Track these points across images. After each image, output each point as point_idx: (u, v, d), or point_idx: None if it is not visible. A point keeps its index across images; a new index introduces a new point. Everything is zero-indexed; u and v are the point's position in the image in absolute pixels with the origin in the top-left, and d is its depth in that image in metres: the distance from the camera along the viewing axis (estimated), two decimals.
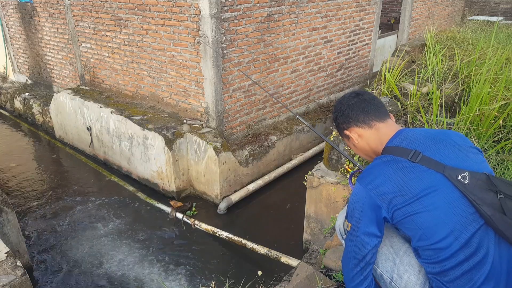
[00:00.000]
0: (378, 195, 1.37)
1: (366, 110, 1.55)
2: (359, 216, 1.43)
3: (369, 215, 1.40)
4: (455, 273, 1.31)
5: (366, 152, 1.60)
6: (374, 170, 1.43)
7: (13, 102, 7.41)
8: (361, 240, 1.44)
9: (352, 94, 1.61)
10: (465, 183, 1.30)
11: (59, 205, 4.67)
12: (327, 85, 6.07)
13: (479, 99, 2.91)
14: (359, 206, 1.43)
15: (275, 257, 3.56)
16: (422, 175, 1.33)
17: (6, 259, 2.63)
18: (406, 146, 1.42)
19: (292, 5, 4.90)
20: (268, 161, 4.95)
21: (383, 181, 1.37)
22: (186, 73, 4.59)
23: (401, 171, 1.36)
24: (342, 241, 1.70)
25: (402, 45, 7.20)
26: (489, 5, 9.78)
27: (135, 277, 3.57)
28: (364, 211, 1.41)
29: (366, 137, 1.55)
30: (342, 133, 1.64)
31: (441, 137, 1.44)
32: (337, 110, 1.62)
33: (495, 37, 5.05)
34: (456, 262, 1.30)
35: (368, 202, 1.40)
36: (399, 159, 1.39)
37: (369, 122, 1.54)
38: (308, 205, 3.48)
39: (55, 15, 6.12)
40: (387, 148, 1.47)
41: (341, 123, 1.61)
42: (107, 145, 5.29)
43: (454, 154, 1.38)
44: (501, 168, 2.59)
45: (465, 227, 1.29)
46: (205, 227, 4.09)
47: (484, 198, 1.28)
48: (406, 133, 1.48)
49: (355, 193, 1.46)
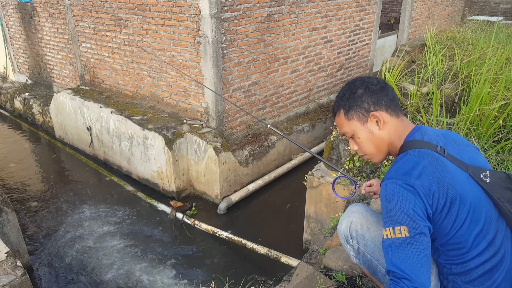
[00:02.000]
0: (421, 187, 1.22)
1: (395, 98, 1.42)
2: (411, 212, 1.20)
3: (419, 207, 1.21)
4: (478, 272, 1.30)
5: (380, 144, 1.44)
6: (408, 163, 1.27)
7: (13, 102, 7.41)
8: (421, 241, 1.19)
9: (375, 78, 1.45)
10: (487, 181, 1.29)
11: (59, 205, 4.67)
12: (327, 85, 6.07)
13: (479, 99, 2.91)
14: (407, 203, 1.21)
15: (275, 257, 3.56)
16: (454, 171, 1.28)
17: (6, 259, 2.63)
18: (428, 140, 1.34)
19: (292, 5, 4.90)
20: (268, 161, 4.95)
21: (421, 173, 1.24)
22: (186, 73, 4.59)
23: (438, 165, 1.26)
24: (346, 248, 1.66)
25: (402, 45, 7.20)
26: (489, 5, 9.78)
27: (135, 277, 3.57)
28: (413, 204, 1.21)
29: (390, 125, 1.41)
30: (363, 114, 1.42)
31: (452, 136, 1.42)
32: (366, 88, 1.41)
33: (495, 37, 5.05)
34: (481, 261, 1.29)
35: (412, 194, 1.22)
36: (431, 152, 1.29)
37: (397, 112, 1.42)
38: (308, 205, 3.48)
39: (55, 15, 6.12)
40: (410, 142, 1.36)
41: (369, 102, 1.40)
42: (107, 145, 5.29)
43: (468, 153, 1.36)
44: (501, 168, 2.59)
45: (490, 225, 1.28)
46: (205, 227, 4.09)
47: (504, 195, 1.28)
48: (424, 129, 1.40)
49: (394, 192, 1.24)
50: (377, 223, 1.58)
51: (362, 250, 1.59)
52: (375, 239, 1.55)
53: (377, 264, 1.56)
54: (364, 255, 1.59)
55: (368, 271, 1.63)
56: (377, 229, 1.56)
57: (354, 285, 2.10)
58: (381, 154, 1.48)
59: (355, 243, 1.61)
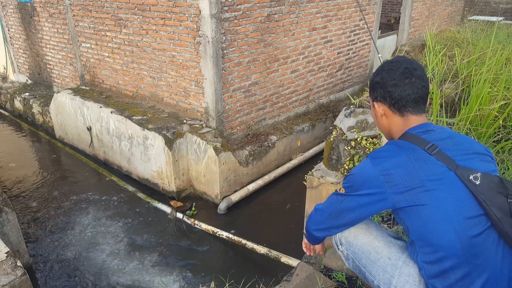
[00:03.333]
0: (386, 176, 1.33)
1: (409, 99, 1.42)
2: (358, 187, 1.40)
3: (368, 191, 1.37)
4: (456, 275, 1.28)
5: (382, 128, 1.55)
6: (388, 152, 1.38)
7: (13, 102, 7.41)
8: (347, 207, 1.45)
9: (407, 70, 1.42)
10: (476, 183, 1.27)
11: (59, 205, 4.67)
12: (327, 85, 6.07)
13: (479, 99, 2.91)
14: (361, 180, 1.38)
15: (275, 257, 3.56)
16: (435, 168, 1.30)
17: (6, 259, 2.63)
18: (426, 138, 1.37)
19: (292, 5, 4.90)
20: (268, 161, 4.95)
21: (395, 165, 1.33)
22: (186, 73, 4.59)
23: (415, 160, 1.32)
24: (338, 251, 1.68)
25: (402, 45, 7.20)
26: (489, 5, 9.78)
27: (135, 277, 3.57)
28: (365, 185, 1.37)
29: (391, 120, 1.48)
30: (372, 99, 1.53)
31: (461, 140, 1.40)
32: (382, 78, 1.46)
33: (495, 37, 5.05)
34: (456, 262, 1.27)
35: (373, 180, 1.35)
36: (416, 147, 1.35)
37: (403, 112, 1.44)
38: (308, 205, 3.47)
39: (55, 15, 6.12)
40: (406, 134, 1.42)
41: (377, 93, 1.48)
42: (107, 145, 5.29)
43: (470, 158, 1.35)
44: (501, 168, 2.59)
45: (470, 228, 1.26)
46: (205, 227, 4.09)
47: (494, 200, 1.26)
48: (429, 126, 1.43)
49: (362, 166, 1.41)
50: (366, 230, 1.59)
51: (351, 256, 1.62)
52: (362, 247, 1.57)
53: (365, 271, 1.57)
54: (354, 261, 1.62)
55: (359, 275, 1.65)
56: (365, 236, 1.58)
57: (354, 285, 2.10)
58: (386, 135, 1.56)
59: (344, 249, 1.64)
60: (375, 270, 1.51)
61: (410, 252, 1.46)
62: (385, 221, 2.47)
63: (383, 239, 1.55)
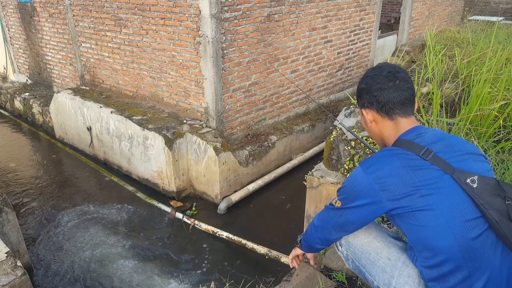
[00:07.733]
0: (380, 184, 1.32)
1: (395, 101, 1.42)
2: (354, 198, 1.39)
3: (364, 201, 1.36)
4: (455, 279, 1.28)
5: (373, 135, 1.54)
6: (381, 160, 1.37)
7: (13, 102, 7.41)
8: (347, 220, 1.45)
9: (390, 74, 1.43)
10: (473, 186, 1.27)
11: (59, 205, 4.67)
12: (327, 85, 6.07)
13: (479, 99, 2.91)
14: (356, 190, 1.38)
15: (275, 257, 3.56)
16: (430, 173, 1.29)
17: (6, 259, 2.63)
18: (419, 142, 1.36)
19: (292, 5, 4.90)
20: (268, 161, 4.95)
21: (389, 173, 1.31)
22: (186, 73, 4.59)
23: (409, 167, 1.31)
24: (338, 251, 1.69)
25: (402, 45, 7.21)
26: (489, 5, 9.78)
27: (135, 277, 3.57)
28: (361, 196, 1.37)
29: (382, 125, 1.47)
30: (360, 106, 1.53)
31: (453, 141, 1.40)
32: (366, 84, 1.47)
33: (495, 37, 5.05)
34: (456, 265, 1.27)
35: (368, 189, 1.34)
36: (410, 154, 1.33)
37: (392, 115, 1.44)
38: (308, 205, 3.47)
39: (55, 15, 6.12)
40: (400, 141, 1.41)
41: (364, 99, 1.48)
42: (107, 145, 5.29)
43: (464, 159, 1.35)
44: (501, 168, 2.59)
45: (468, 231, 1.26)
46: (205, 227, 4.09)
47: (491, 202, 1.25)
48: (421, 129, 1.42)
49: (355, 175, 1.39)
50: (365, 230, 1.59)
51: (351, 256, 1.62)
52: (362, 247, 1.57)
53: (364, 271, 1.57)
54: (353, 262, 1.62)
55: (359, 276, 1.65)
56: (365, 236, 1.58)
57: (354, 285, 2.10)
58: (379, 143, 1.55)
59: (344, 250, 1.64)
60: (374, 270, 1.52)
61: (410, 257, 1.46)
62: (385, 221, 2.47)
63: (382, 240, 1.55)
